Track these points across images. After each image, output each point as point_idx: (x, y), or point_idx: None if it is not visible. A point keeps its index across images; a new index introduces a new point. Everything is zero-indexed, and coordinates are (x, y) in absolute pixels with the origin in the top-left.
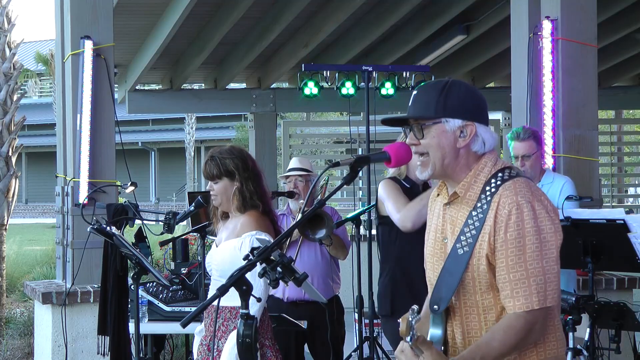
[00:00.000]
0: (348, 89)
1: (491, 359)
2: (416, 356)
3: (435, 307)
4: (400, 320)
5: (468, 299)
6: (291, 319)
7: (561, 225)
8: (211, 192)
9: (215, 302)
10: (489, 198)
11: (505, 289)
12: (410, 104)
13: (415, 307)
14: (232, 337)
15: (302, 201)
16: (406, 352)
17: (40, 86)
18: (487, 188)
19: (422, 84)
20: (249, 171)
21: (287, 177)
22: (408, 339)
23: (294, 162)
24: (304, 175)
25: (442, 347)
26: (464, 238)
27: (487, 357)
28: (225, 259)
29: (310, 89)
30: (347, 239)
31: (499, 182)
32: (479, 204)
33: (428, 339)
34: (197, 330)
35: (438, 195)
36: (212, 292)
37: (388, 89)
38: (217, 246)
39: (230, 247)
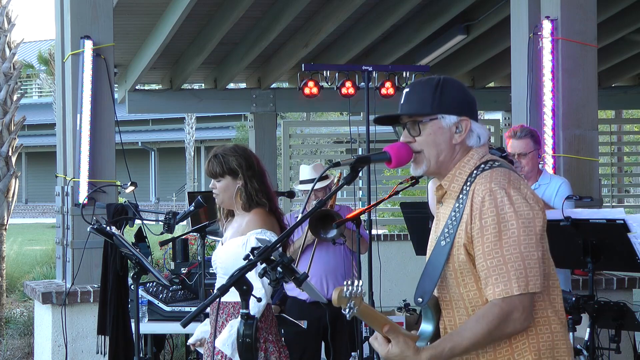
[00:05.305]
0: (348, 89)
1: (462, 348)
2: (386, 343)
3: (420, 299)
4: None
5: (454, 293)
6: (291, 318)
7: (560, 225)
8: (213, 190)
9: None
10: (467, 189)
11: (484, 277)
12: (402, 101)
13: (349, 280)
14: (230, 326)
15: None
16: (379, 339)
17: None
18: (469, 180)
19: (412, 82)
20: (253, 169)
21: (307, 190)
22: (346, 311)
23: (308, 172)
24: (325, 187)
25: (429, 343)
26: (447, 230)
27: (457, 347)
28: (229, 257)
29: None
30: (365, 232)
31: (478, 173)
32: (460, 196)
33: (418, 334)
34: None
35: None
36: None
37: (388, 89)
38: (222, 244)
39: (234, 245)
